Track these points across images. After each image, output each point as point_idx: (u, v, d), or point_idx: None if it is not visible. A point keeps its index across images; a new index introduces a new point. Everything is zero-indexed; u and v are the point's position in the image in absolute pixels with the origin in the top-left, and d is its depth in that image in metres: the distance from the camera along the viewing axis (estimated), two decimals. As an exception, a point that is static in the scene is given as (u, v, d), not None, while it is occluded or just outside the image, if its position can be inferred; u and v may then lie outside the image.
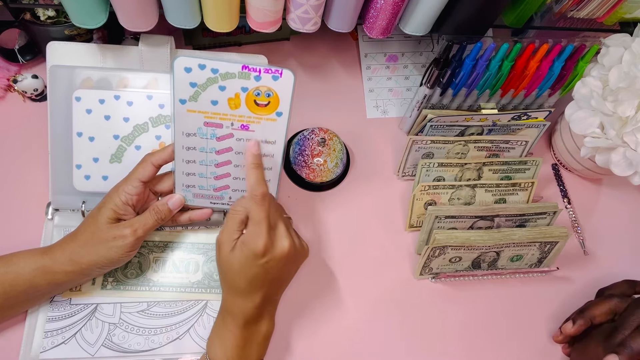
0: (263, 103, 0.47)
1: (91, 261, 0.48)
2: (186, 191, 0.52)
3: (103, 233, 0.48)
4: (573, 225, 0.68)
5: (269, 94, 0.47)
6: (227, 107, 0.47)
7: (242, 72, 0.45)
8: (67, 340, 0.52)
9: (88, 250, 0.48)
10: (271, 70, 0.45)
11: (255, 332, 0.50)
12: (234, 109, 0.47)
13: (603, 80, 0.59)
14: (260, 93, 0.46)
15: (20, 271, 0.47)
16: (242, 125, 0.48)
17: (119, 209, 0.49)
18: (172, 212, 0.52)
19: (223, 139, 0.49)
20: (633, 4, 0.60)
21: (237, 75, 0.45)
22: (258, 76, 0.46)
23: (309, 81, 0.72)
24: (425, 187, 0.61)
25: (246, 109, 0.47)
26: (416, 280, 0.61)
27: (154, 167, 0.50)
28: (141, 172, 0.50)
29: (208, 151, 0.50)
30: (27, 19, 0.59)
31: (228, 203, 0.54)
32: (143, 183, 0.50)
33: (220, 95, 0.46)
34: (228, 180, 0.52)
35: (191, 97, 0.46)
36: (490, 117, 0.62)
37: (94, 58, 0.58)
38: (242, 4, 0.53)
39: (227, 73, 0.45)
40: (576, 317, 0.56)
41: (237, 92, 0.46)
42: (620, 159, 0.56)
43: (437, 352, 0.58)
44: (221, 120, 0.48)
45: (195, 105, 0.47)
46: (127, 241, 0.48)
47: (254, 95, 0.47)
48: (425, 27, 0.58)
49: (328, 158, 0.62)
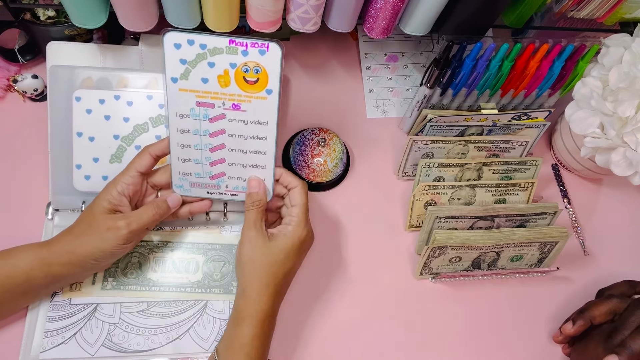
0: (252, 80, 0.48)
1: (85, 252, 0.48)
2: (183, 180, 0.52)
3: (97, 224, 0.48)
4: (573, 225, 0.68)
5: (257, 69, 0.47)
6: (217, 85, 0.48)
7: (229, 46, 0.46)
8: (67, 340, 0.52)
9: (83, 241, 0.48)
10: (258, 44, 0.46)
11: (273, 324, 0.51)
12: (224, 87, 0.48)
13: (603, 80, 0.59)
14: (249, 69, 0.47)
15: (17, 263, 0.47)
16: (234, 104, 0.49)
17: (114, 199, 0.49)
18: (171, 209, 0.52)
19: (216, 120, 0.50)
20: (633, 4, 0.60)
21: (224, 50, 0.46)
22: (245, 50, 0.46)
23: (309, 81, 0.72)
24: (425, 187, 0.61)
25: (236, 86, 0.48)
26: (416, 280, 0.61)
27: (151, 157, 0.50)
28: (139, 163, 0.50)
29: (202, 134, 0.50)
30: (27, 19, 0.59)
31: (225, 192, 0.54)
32: (140, 173, 0.50)
33: (210, 72, 0.47)
34: (223, 167, 0.52)
35: (182, 75, 0.47)
36: (490, 117, 0.62)
37: (94, 58, 0.58)
38: (242, 4, 0.53)
39: (215, 48, 0.46)
40: (576, 318, 0.56)
41: (225, 69, 0.47)
42: (620, 159, 0.56)
43: (437, 352, 0.58)
44: (212, 100, 0.48)
45: (186, 83, 0.47)
46: (120, 233, 0.48)
47: (242, 71, 0.47)
48: (425, 27, 0.58)
49: (328, 158, 0.62)
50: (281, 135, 0.67)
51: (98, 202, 0.49)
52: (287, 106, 0.69)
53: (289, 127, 0.67)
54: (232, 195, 0.55)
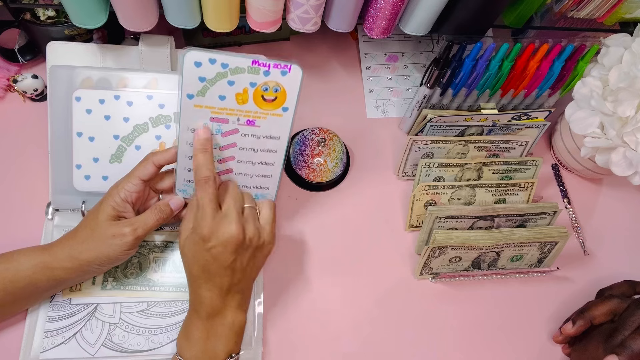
0: (270, 98, 0.47)
1: (90, 258, 0.48)
2: (187, 186, 0.52)
3: (102, 230, 0.48)
4: (573, 225, 0.68)
5: (276, 89, 0.47)
6: (234, 102, 0.47)
7: (251, 67, 0.46)
8: (67, 340, 0.52)
9: (87, 247, 0.48)
10: (280, 66, 0.46)
11: (219, 324, 0.48)
12: (241, 104, 0.47)
13: (603, 80, 0.59)
14: (269, 88, 0.47)
15: (20, 267, 0.47)
16: (248, 120, 0.48)
17: (119, 206, 0.49)
18: (174, 212, 0.52)
19: (228, 135, 0.49)
20: (633, 4, 0.60)
21: (246, 70, 0.46)
22: (267, 71, 0.46)
23: (309, 81, 0.71)
24: (425, 187, 0.61)
25: (253, 104, 0.47)
26: (416, 280, 0.61)
27: (155, 166, 0.50)
28: (142, 171, 0.50)
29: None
30: (27, 19, 0.59)
31: None
32: (143, 181, 0.50)
33: (229, 90, 0.47)
34: (230, 176, 0.52)
35: (199, 92, 0.46)
36: (490, 117, 0.62)
37: (94, 58, 0.58)
38: (242, 4, 0.53)
39: (237, 68, 0.45)
40: (576, 318, 0.56)
41: (245, 87, 0.47)
42: (620, 159, 0.56)
43: (437, 352, 0.58)
44: (228, 116, 0.48)
45: (202, 100, 0.47)
46: (126, 240, 0.48)
47: (261, 90, 0.47)
48: (425, 27, 0.58)
49: (328, 158, 0.62)
50: (281, 135, 0.67)
51: (102, 208, 0.49)
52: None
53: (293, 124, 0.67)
54: None
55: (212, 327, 0.47)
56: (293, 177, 0.64)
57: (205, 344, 0.47)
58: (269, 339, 0.56)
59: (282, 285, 0.59)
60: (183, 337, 0.48)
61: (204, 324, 0.47)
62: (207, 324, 0.47)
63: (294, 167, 0.63)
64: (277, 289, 0.58)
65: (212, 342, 0.47)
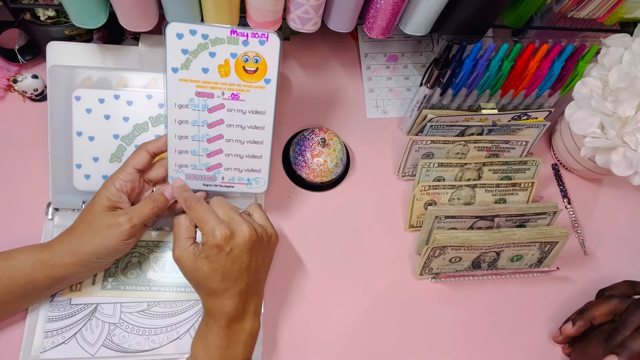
0: (252, 69, 0.49)
1: (88, 251, 0.48)
2: (179, 172, 0.53)
3: (98, 222, 0.48)
4: (573, 225, 0.68)
5: (257, 59, 0.48)
6: (217, 74, 0.49)
7: (230, 36, 0.47)
8: (67, 340, 0.52)
9: (85, 240, 0.48)
10: (258, 35, 0.47)
11: (239, 331, 0.49)
12: (224, 77, 0.49)
13: (603, 80, 0.59)
14: (249, 59, 0.48)
15: (19, 265, 0.47)
16: (233, 94, 0.50)
17: (113, 196, 0.49)
18: (169, 201, 0.52)
19: (214, 110, 0.50)
20: (633, 4, 0.60)
21: (226, 40, 0.47)
22: (246, 41, 0.48)
23: (309, 81, 0.72)
24: (425, 187, 0.61)
25: (236, 76, 0.49)
26: (416, 280, 0.61)
27: (148, 154, 0.51)
28: (136, 159, 0.50)
29: (200, 124, 0.51)
30: (27, 19, 0.59)
31: (220, 184, 0.55)
32: (137, 170, 0.50)
33: (211, 62, 0.48)
34: (220, 158, 0.53)
35: (183, 64, 0.48)
36: (490, 117, 0.62)
37: (94, 58, 0.58)
38: (242, 4, 0.53)
39: (216, 38, 0.47)
40: (576, 318, 0.56)
41: (226, 59, 0.48)
42: (620, 159, 0.56)
43: (437, 352, 0.58)
44: (212, 90, 0.49)
45: (187, 73, 0.48)
46: (122, 229, 0.48)
47: (242, 61, 0.48)
48: (425, 27, 0.58)
49: (328, 158, 0.62)
50: (281, 135, 0.67)
51: (97, 200, 0.49)
52: (287, 106, 0.69)
53: (289, 127, 0.67)
54: (227, 186, 0.55)
55: (232, 335, 0.48)
56: (293, 177, 0.64)
57: (226, 352, 0.48)
58: (269, 339, 0.56)
59: (281, 285, 0.59)
60: (200, 344, 0.48)
61: (224, 331, 0.48)
62: (228, 331, 0.48)
63: (294, 167, 0.63)
64: (277, 289, 0.58)
65: (232, 350, 0.48)
